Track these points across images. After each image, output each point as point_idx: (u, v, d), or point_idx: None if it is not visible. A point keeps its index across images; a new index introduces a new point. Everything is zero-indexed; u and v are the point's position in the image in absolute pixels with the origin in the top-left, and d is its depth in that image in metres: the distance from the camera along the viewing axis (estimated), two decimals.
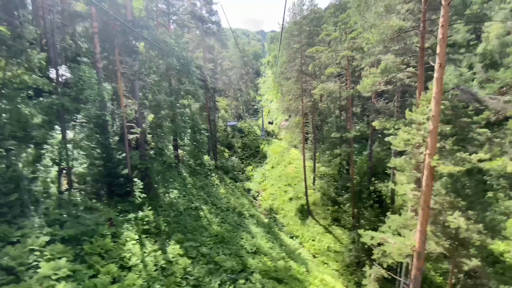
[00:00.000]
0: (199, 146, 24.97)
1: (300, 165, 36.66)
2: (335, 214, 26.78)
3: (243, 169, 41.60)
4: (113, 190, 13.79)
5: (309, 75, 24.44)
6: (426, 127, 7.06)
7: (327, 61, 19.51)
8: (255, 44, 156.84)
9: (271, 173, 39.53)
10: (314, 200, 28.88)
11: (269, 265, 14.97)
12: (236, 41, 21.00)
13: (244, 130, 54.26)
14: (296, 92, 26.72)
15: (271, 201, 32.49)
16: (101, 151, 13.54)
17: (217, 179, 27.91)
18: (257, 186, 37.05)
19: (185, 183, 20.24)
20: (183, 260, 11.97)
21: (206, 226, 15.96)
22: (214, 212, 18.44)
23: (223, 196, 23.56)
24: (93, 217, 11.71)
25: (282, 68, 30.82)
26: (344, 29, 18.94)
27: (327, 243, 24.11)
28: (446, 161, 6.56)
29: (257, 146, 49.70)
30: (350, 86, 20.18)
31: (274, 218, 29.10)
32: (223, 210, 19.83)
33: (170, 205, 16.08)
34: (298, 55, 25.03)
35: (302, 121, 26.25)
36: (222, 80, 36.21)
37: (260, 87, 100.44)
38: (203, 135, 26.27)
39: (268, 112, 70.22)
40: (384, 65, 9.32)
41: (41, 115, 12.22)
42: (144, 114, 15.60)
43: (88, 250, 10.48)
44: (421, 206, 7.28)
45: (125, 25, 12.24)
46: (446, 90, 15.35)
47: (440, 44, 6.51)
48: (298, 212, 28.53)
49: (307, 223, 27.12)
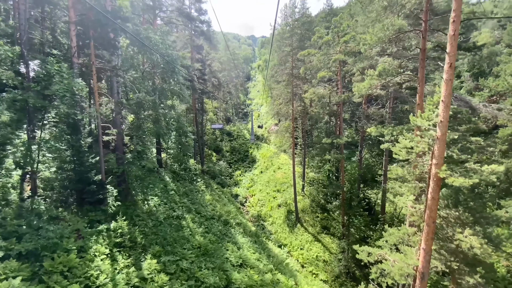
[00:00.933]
0: (184, 149, 23.69)
1: (289, 170, 35.96)
2: (324, 222, 26.10)
3: (231, 173, 40.44)
4: (84, 198, 12.38)
5: (300, 79, 23.86)
6: (431, 134, 6.38)
7: (319, 65, 18.96)
8: (246, 48, 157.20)
9: (259, 178, 38.57)
10: (303, 207, 28.12)
11: (256, 279, 13.91)
12: (226, 42, 20.06)
13: (233, 133, 53.24)
14: (287, 96, 26.07)
15: (259, 207, 31.47)
16: (71, 153, 12.14)
17: (203, 184, 26.63)
18: (245, 191, 35.97)
19: (168, 189, 18.91)
20: (160, 276, 10.72)
21: (188, 237, 14.72)
22: (198, 221, 17.21)
23: (209, 203, 22.33)
24: (57, 229, 10.29)
25: (273, 71, 30.20)
26: (337, 32, 18.48)
27: (316, 252, 23.29)
28: (453, 172, 5.88)
29: (246, 150, 48.72)
30: (341, 91, 19.66)
31: (261, 226, 28.07)
32: (208, 219, 18.62)
33: (148, 214, 14.75)
34: (289, 58, 24.43)
35: (292, 125, 25.55)
36: (211, 82, 35.14)
37: (250, 91, 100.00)
38: (189, 138, 25.04)
39: (258, 116, 69.62)
40: (382, 67, 8.69)
41: (8, 113, 10.80)
42: (122, 114, 14.30)
43: (48, 268, 9.08)
44: (425, 221, 6.55)
45: (101, 14, 11.07)
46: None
47: (450, 42, 5.87)
48: (286, 219, 27.64)
49: (295, 231, 26.26)
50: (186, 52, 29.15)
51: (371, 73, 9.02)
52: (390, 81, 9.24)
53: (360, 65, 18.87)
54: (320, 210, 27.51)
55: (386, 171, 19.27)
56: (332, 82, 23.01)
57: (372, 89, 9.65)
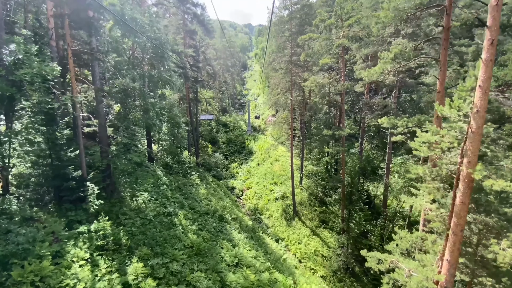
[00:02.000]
0: (177, 141, 22.48)
1: (286, 163, 35.02)
2: (322, 215, 25.40)
3: (227, 166, 39.41)
4: (62, 196, 11.23)
5: (300, 67, 22.51)
6: (462, 127, 5.33)
7: (321, 50, 17.65)
8: (243, 37, 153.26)
9: (256, 170, 37.62)
10: (301, 200, 27.34)
11: (252, 279, 13.08)
12: (221, 28, 18.58)
13: (229, 124, 51.86)
14: (285, 85, 24.74)
15: (255, 200, 30.65)
16: (46, 147, 10.89)
17: (198, 177, 25.56)
18: (242, 184, 35.05)
19: (159, 184, 17.80)
20: (147, 282, 9.76)
21: (180, 236, 13.74)
22: (191, 218, 16.22)
23: (203, 197, 21.33)
24: (30, 232, 9.18)
25: (271, 59, 28.68)
26: (340, 15, 17.07)
27: (314, 247, 22.65)
28: (490, 173, 4.88)
29: (243, 142, 47.55)
30: (343, 79, 18.45)
31: (258, 219, 27.33)
32: (202, 214, 17.65)
33: (136, 212, 13.68)
34: (287, 45, 22.97)
35: (291, 116, 24.37)
36: (206, 70, 33.51)
37: (246, 81, 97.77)
38: (182, 129, 23.78)
39: (255, 106, 68.05)
40: (399, 49, 7.52)
41: None
42: (105, 103, 12.95)
43: (17, 278, 8.03)
44: (451, 229, 5.59)
45: None
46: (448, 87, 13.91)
47: (492, 13, 4.74)
48: (284, 213, 26.88)
49: (293, 224, 25.55)
50: (179, 38, 27.44)
51: (385, 55, 7.84)
52: (404, 66, 8.09)
53: (364, 51, 17.60)
54: (319, 203, 26.77)
55: (389, 165, 18.36)
56: (332, 71, 21.70)
57: (384, 74, 8.48)
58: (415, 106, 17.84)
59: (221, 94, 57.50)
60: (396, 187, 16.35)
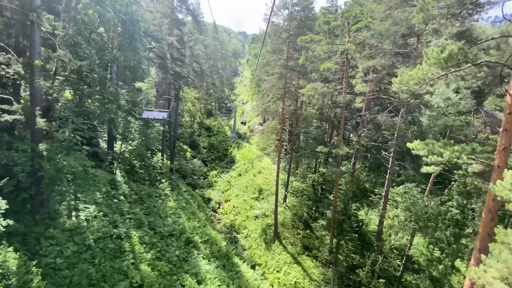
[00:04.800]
0: (147, 142, 19.11)
1: (271, 176, 32.31)
2: (306, 241, 22.70)
3: (205, 173, 36.05)
4: None
5: (296, 72, 20.22)
6: None
7: (323, 55, 15.43)
8: (236, 43, 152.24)
9: (237, 181, 34.60)
10: (284, 221, 24.59)
11: None
12: (215, 25, 15.84)
13: (212, 128, 48.69)
14: (277, 92, 22.28)
15: (233, 216, 27.52)
16: None
17: (168, 186, 22.15)
18: (220, 195, 31.83)
19: (114, 195, 14.36)
20: None
21: (127, 270, 10.41)
22: (149, 242, 12.88)
23: (171, 212, 17.98)
24: None
25: (264, 60, 26.25)
26: (348, 18, 14.98)
27: (295, 277, 19.79)
28: None
29: (226, 148, 44.47)
30: (345, 91, 16.26)
31: (234, 239, 24.19)
32: (164, 237, 14.32)
33: (72, 234, 10.25)
34: (284, 47, 20.66)
35: (281, 127, 21.85)
36: (192, 67, 30.48)
37: (236, 86, 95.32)
38: (156, 129, 20.48)
39: (242, 113, 65.41)
40: (457, 47, 5.23)
41: None
42: (41, 85, 9.60)
43: None
44: None
45: None
46: None
47: None
48: (263, 233, 23.94)
49: (273, 248, 22.64)
50: (166, 28, 24.38)
51: (434, 54, 5.51)
52: (455, 73, 5.86)
53: (368, 63, 15.56)
54: (303, 226, 24.13)
55: (388, 193, 16.14)
56: (331, 82, 19.50)
57: (427, 81, 6.18)
58: (420, 129, 15.99)
59: (208, 95, 54.43)
60: (396, 220, 14.14)
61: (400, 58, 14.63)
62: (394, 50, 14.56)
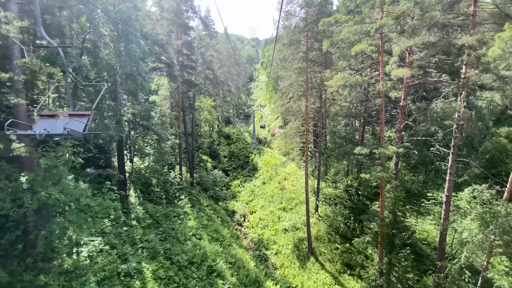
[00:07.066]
0: (161, 158, 17.47)
1: (297, 183, 29.58)
2: (346, 257, 19.63)
3: (228, 183, 34.15)
4: None
5: (319, 65, 17.66)
6: None
7: (351, 37, 12.81)
8: (249, 49, 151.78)
9: (261, 190, 32.26)
10: (318, 234, 21.73)
11: None
12: (226, 33, 13.71)
13: (232, 136, 47.08)
14: (299, 89, 19.76)
15: (260, 229, 25.12)
16: None
17: (188, 203, 20.38)
18: (244, 207, 29.63)
19: (125, 221, 12.68)
20: None
21: None
22: (164, 276, 10.91)
23: (191, 233, 16.05)
24: None
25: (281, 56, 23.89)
26: None
27: None
28: None
29: (247, 155, 42.50)
30: (382, 77, 13.43)
31: (263, 256, 21.72)
32: (183, 267, 12.30)
33: (68, 278, 8.51)
34: (302, 38, 18.20)
35: (306, 127, 19.27)
36: (205, 74, 28.99)
37: (252, 91, 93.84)
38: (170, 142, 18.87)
39: (260, 117, 63.42)
40: None
41: None
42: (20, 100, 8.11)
43: None
44: None
45: None
46: None
47: None
48: (296, 249, 21.26)
49: (308, 266, 19.86)
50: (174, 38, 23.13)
51: None
52: None
53: (409, 43, 12.63)
54: (341, 239, 21.08)
55: (450, 198, 12.86)
56: (363, 70, 16.62)
57: None
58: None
59: (225, 103, 53.15)
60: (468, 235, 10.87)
61: (450, 30, 11.63)
62: (445, 20, 11.58)
